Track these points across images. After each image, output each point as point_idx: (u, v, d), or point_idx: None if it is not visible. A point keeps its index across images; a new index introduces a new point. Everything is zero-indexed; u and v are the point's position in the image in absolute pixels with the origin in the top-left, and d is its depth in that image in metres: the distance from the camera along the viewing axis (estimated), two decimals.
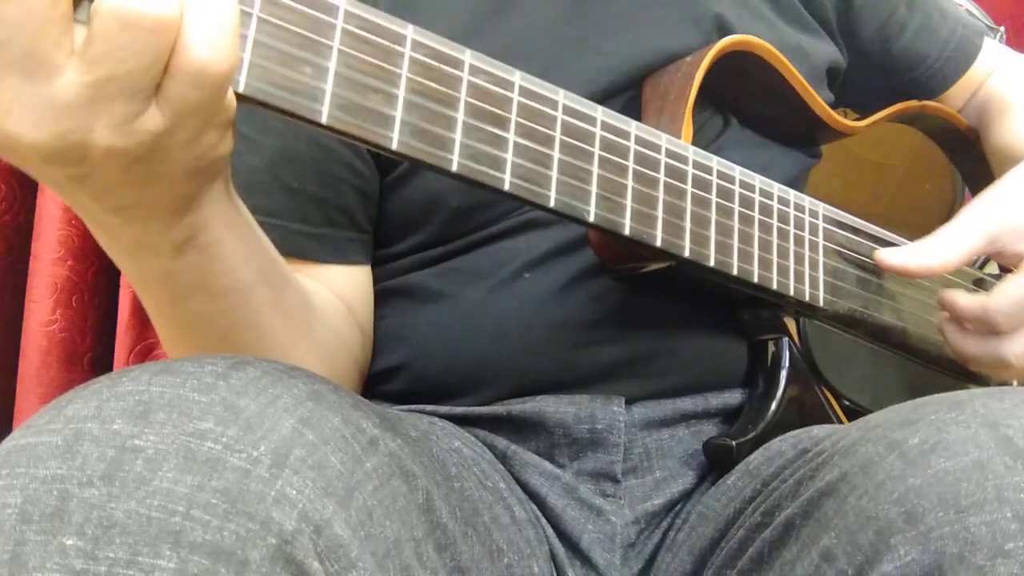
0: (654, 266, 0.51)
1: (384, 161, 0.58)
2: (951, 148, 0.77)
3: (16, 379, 0.87)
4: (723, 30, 0.61)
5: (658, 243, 0.47)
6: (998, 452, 0.35)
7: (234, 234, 0.41)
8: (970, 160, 0.77)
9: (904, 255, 0.56)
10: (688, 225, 0.49)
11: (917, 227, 0.69)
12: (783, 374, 0.58)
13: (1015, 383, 0.67)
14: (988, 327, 0.55)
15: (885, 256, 0.57)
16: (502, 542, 0.49)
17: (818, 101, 0.64)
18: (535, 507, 0.55)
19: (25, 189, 0.90)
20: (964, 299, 0.57)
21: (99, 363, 0.90)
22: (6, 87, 0.30)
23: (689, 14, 0.61)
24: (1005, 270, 0.61)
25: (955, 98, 0.77)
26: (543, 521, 0.55)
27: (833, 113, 0.66)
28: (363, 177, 0.58)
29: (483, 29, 0.58)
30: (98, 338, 0.90)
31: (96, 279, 0.88)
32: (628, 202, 0.46)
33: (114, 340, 0.88)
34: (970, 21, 0.76)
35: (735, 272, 0.51)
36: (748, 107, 0.62)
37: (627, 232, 0.45)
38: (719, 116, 0.62)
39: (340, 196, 0.57)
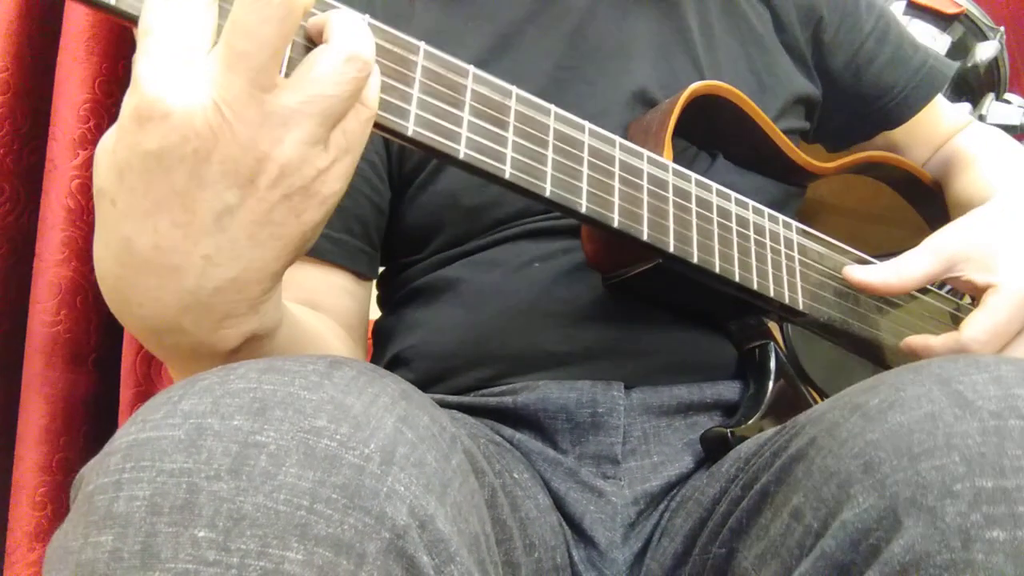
0: (642, 267, 0.56)
1: (409, 171, 0.64)
2: (912, 198, 0.82)
3: (20, 380, 0.87)
4: (697, 65, 0.68)
5: (644, 237, 0.52)
6: (949, 404, 0.37)
7: (283, 329, 0.45)
8: (933, 211, 0.81)
9: (868, 272, 0.60)
10: (671, 224, 0.54)
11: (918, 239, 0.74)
12: (772, 373, 0.62)
13: None
14: None
15: (851, 272, 0.61)
16: (534, 537, 0.51)
17: (787, 143, 0.69)
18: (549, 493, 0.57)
19: (29, 190, 0.90)
20: (937, 339, 0.60)
21: (103, 364, 0.89)
22: (235, 87, 0.34)
23: (666, 50, 0.68)
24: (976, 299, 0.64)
25: (920, 150, 0.82)
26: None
27: (802, 154, 0.71)
28: (379, 193, 0.64)
29: (490, 61, 0.65)
30: (102, 339, 0.89)
31: None
32: (616, 200, 0.51)
33: (118, 341, 0.87)
34: (942, 56, 0.81)
35: (717, 270, 0.55)
36: (728, 146, 0.68)
37: (616, 225, 0.50)
38: (705, 154, 0.68)
39: (358, 207, 0.63)
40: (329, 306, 0.62)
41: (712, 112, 0.64)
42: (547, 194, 0.47)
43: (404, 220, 0.66)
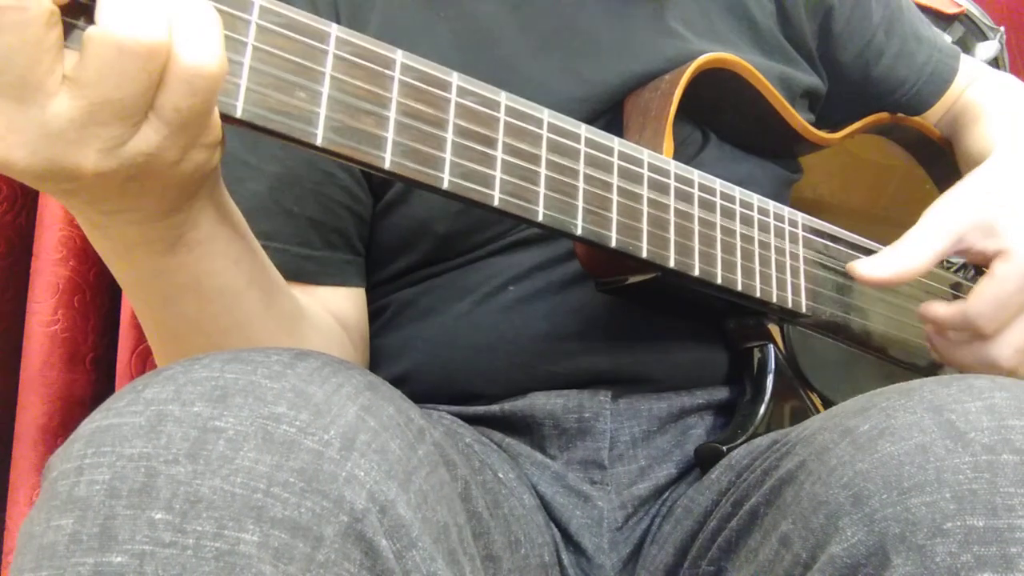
0: (640, 277, 0.53)
1: (376, 185, 0.60)
2: (925, 159, 0.79)
3: (18, 379, 0.86)
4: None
5: (644, 254, 0.49)
6: (940, 436, 0.36)
7: (224, 232, 0.43)
8: (944, 170, 0.79)
9: (874, 265, 0.56)
10: (672, 236, 0.50)
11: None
12: (769, 380, 0.60)
13: None
14: (972, 332, 0.56)
15: (858, 268, 0.57)
16: (519, 533, 0.51)
17: (793, 114, 0.66)
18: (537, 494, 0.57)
19: (27, 189, 0.89)
20: (943, 309, 0.58)
21: (101, 363, 0.89)
22: (5, 111, 0.30)
23: (664, 45, 0.62)
24: (979, 269, 0.63)
25: (933, 114, 0.79)
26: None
27: (808, 126, 0.68)
28: (359, 201, 0.60)
29: (465, 62, 0.59)
30: (100, 338, 0.90)
31: (98, 279, 0.88)
32: (614, 215, 0.47)
33: (116, 340, 0.87)
34: (946, 45, 0.78)
35: (719, 281, 0.53)
36: (726, 123, 0.64)
37: (613, 244, 0.47)
38: (699, 132, 0.64)
39: (338, 219, 0.59)
40: (327, 312, 0.59)
41: (713, 89, 0.60)
42: (540, 218, 0.44)
43: (372, 239, 0.62)
